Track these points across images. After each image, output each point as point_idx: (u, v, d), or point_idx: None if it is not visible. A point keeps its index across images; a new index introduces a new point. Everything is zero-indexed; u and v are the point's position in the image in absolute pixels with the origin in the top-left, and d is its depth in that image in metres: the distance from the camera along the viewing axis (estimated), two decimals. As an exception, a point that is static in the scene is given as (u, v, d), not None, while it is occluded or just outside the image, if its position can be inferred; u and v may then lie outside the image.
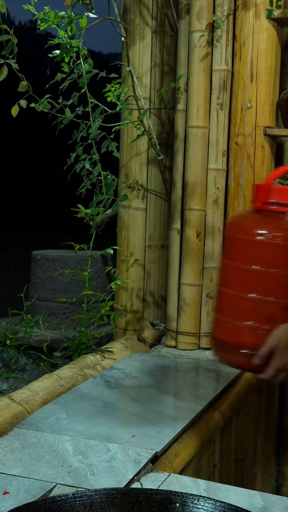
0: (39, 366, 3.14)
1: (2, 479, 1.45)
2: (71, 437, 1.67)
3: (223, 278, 1.76)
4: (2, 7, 2.31)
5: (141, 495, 1.26)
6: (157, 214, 2.75)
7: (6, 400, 1.86)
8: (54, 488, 1.42)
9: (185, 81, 2.56)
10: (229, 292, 1.73)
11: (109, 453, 1.59)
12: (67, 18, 2.50)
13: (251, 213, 1.74)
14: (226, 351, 1.75)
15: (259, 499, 1.42)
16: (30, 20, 20.70)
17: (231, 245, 1.74)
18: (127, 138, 2.71)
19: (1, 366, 3.89)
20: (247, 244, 1.69)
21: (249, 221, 1.72)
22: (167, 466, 1.62)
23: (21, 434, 1.68)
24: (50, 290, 4.61)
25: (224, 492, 1.45)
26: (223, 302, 1.76)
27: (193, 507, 1.23)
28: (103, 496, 1.24)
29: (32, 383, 2.06)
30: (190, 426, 1.85)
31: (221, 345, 1.76)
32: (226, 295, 1.75)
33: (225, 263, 1.76)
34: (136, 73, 2.66)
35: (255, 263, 1.67)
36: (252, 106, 2.49)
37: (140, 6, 2.66)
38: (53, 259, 4.68)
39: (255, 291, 1.68)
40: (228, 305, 1.75)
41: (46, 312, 4.57)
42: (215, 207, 2.53)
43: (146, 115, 2.65)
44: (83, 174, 2.82)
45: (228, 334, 1.73)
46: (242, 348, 1.70)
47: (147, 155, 2.71)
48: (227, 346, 1.74)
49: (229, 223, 1.78)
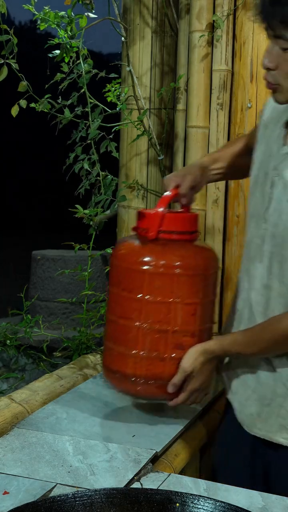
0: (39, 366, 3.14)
1: (2, 479, 1.45)
2: (71, 437, 1.67)
3: (115, 308, 1.74)
4: (2, 7, 2.31)
5: (141, 495, 1.26)
6: (157, 214, 2.75)
7: (6, 400, 1.86)
8: (54, 488, 1.42)
9: (185, 81, 2.56)
10: (114, 319, 1.74)
11: (109, 453, 1.59)
12: (67, 18, 2.50)
13: (142, 242, 1.71)
14: (115, 378, 1.77)
15: (259, 499, 1.42)
16: (30, 20, 20.73)
17: (118, 274, 1.73)
18: (127, 138, 2.71)
19: (1, 366, 3.90)
20: (137, 274, 1.68)
21: (145, 251, 1.70)
22: (167, 466, 1.62)
23: (21, 434, 1.68)
24: (50, 290, 4.62)
25: (224, 492, 1.45)
26: (108, 329, 1.78)
27: (193, 507, 1.23)
28: (103, 496, 1.24)
29: (32, 383, 2.07)
30: (190, 426, 1.85)
31: (109, 372, 1.78)
32: (112, 322, 1.76)
33: (112, 291, 1.75)
34: (136, 73, 2.66)
35: (144, 292, 1.68)
36: (252, 106, 2.49)
37: (140, 6, 2.66)
38: (53, 259, 4.69)
39: (141, 319, 1.68)
40: (113, 332, 1.76)
41: (46, 312, 4.57)
42: (215, 207, 2.53)
43: (146, 115, 2.66)
44: (82, 174, 2.82)
45: (115, 361, 1.75)
46: (130, 376, 1.72)
47: (147, 155, 2.71)
48: (114, 373, 1.76)
49: (119, 252, 1.74)
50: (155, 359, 1.69)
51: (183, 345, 1.69)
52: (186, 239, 1.73)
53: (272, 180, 1.63)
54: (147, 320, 1.68)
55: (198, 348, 1.70)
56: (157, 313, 1.68)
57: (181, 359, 1.69)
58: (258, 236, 1.66)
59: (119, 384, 1.76)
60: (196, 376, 1.70)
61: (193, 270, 1.70)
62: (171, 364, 1.69)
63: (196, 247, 1.76)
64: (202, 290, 1.72)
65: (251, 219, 1.70)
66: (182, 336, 1.69)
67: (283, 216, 1.59)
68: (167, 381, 1.70)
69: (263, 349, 1.64)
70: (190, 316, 1.70)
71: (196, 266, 1.71)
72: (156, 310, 1.68)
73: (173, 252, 1.70)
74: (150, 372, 1.69)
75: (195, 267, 1.70)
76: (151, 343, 1.69)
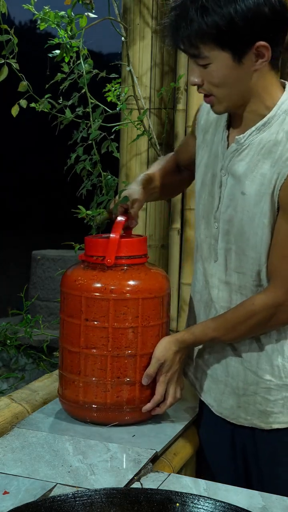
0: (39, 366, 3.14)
1: (2, 479, 1.45)
2: (71, 437, 1.67)
3: (77, 338, 1.75)
4: (3, 6, 2.31)
5: (141, 494, 1.26)
6: (157, 214, 2.75)
7: (6, 399, 1.86)
8: (54, 487, 1.42)
9: (185, 81, 2.56)
10: (77, 350, 1.74)
11: (109, 452, 1.59)
12: (67, 18, 2.50)
13: (100, 269, 1.72)
14: (69, 406, 1.79)
15: (259, 499, 1.42)
16: (30, 20, 20.72)
17: (77, 304, 1.73)
18: (127, 138, 2.71)
19: (1, 366, 3.90)
20: (103, 303, 1.70)
21: (107, 279, 1.72)
22: (167, 466, 1.62)
23: (21, 434, 1.68)
24: (50, 290, 4.62)
25: (224, 492, 1.45)
26: (60, 356, 1.80)
27: (193, 507, 1.23)
28: (103, 496, 1.25)
29: (32, 383, 2.06)
30: (190, 426, 1.85)
31: (63, 399, 1.81)
32: (63, 349, 1.79)
33: (71, 322, 1.76)
34: (136, 73, 2.66)
35: (111, 320, 1.70)
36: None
37: (140, 6, 2.66)
38: (53, 259, 4.69)
39: (109, 347, 1.71)
40: (63, 359, 1.79)
41: (46, 312, 4.57)
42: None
43: (146, 115, 2.66)
44: (83, 175, 2.82)
45: (67, 389, 1.78)
46: (79, 402, 1.75)
47: (147, 155, 2.71)
48: (67, 401, 1.79)
49: (75, 282, 1.75)
50: (126, 384, 1.73)
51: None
52: (141, 262, 1.78)
53: (221, 180, 1.70)
54: (115, 346, 1.71)
55: (169, 338, 1.74)
56: (124, 339, 1.71)
57: (153, 351, 1.72)
58: (211, 236, 1.74)
59: (76, 412, 1.79)
60: (170, 365, 1.72)
61: (155, 293, 1.75)
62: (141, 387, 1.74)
63: (151, 269, 1.81)
64: (163, 310, 1.77)
65: (201, 221, 1.78)
66: (150, 357, 1.73)
67: (238, 208, 1.66)
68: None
69: (237, 330, 1.67)
70: (155, 338, 1.75)
71: (159, 288, 1.76)
72: (123, 336, 1.71)
73: (135, 277, 1.73)
74: (122, 399, 1.73)
75: (157, 290, 1.76)
76: (120, 369, 1.72)
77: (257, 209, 1.62)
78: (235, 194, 1.67)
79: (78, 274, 1.75)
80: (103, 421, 1.74)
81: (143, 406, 1.74)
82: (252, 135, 1.64)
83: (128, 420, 1.75)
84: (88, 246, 1.78)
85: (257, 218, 1.62)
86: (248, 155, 1.64)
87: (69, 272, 1.79)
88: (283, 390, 1.67)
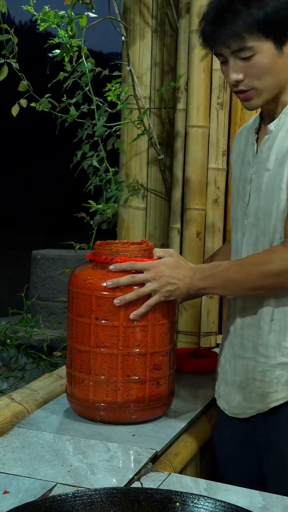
0: (39, 365, 3.15)
1: (2, 479, 1.45)
2: (71, 437, 1.67)
3: (88, 338, 1.75)
4: (3, 6, 2.31)
5: (141, 494, 1.26)
6: (157, 213, 2.75)
7: (6, 399, 1.86)
8: (54, 487, 1.42)
9: (185, 80, 2.56)
10: (87, 349, 1.75)
11: (109, 452, 1.59)
12: (67, 18, 2.50)
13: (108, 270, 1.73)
14: (78, 405, 1.80)
15: (259, 499, 1.42)
16: (30, 20, 20.71)
17: (88, 303, 1.73)
18: (127, 137, 2.71)
19: (1, 365, 3.90)
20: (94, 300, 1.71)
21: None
22: (167, 466, 1.62)
23: (21, 434, 1.68)
24: (50, 289, 4.62)
25: (224, 491, 1.45)
26: (69, 356, 1.81)
27: (193, 507, 1.23)
28: (103, 495, 1.24)
29: (32, 383, 2.06)
30: (190, 425, 1.85)
31: (72, 399, 1.81)
32: (72, 348, 1.80)
33: (81, 321, 1.76)
34: (136, 73, 2.66)
35: (121, 319, 1.71)
36: (252, 105, 2.49)
37: (140, 5, 2.66)
38: (53, 258, 4.69)
39: (120, 345, 1.71)
40: (72, 359, 1.80)
41: (46, 312, 4.57)
42: (215, 206, 2.53)
43: (146, 115, 2.66)
44: (90, 171, 2.83)
45: (76, 388, 1.78)
46: (89, 401, 1.75)
47: (147, 155, 2.71)
48: (76, 400, 1.80)
49: (88, 281, 1.74)
50: (136, 383, 1.73)
51: (159, 365, 1.75)
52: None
53: (251, 178, 1.71)
54: (126, 345, 1.71)
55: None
56: (134, 337, 1.72)
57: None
58: (242, 232, 1.74)
59: (84, 412, 1.79)
60: (173, 278, 1.70)
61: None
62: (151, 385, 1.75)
63: None
64: (172, 308, 1.79)
65: (236, 226, 1.79)
66: (159, 356, 1.75)
67: (263, 187, 1.65)
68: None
69: (249, 272, 1.64)
70: (165, 336, 1.76)
71: None
72: (133, 335, 1.72)
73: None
74: (132, 397, 1.73)
75: None
76: (130, 367, 1.72)
77: (279, 173, 1.61)
78: (260, 180, 1.66)
79: (87, 273, 1.76)
80: (112, 420, 1.74)
81: (151, 404, 1.75)
82: (281, 118, 1.65)
83: (134, 419, 1.75)
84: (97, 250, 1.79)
85: (277, 184, 1.62)
86: (278, 136, 1.64)
87: (77, 271, 1.79)
88: (277, 369, 1.67)
